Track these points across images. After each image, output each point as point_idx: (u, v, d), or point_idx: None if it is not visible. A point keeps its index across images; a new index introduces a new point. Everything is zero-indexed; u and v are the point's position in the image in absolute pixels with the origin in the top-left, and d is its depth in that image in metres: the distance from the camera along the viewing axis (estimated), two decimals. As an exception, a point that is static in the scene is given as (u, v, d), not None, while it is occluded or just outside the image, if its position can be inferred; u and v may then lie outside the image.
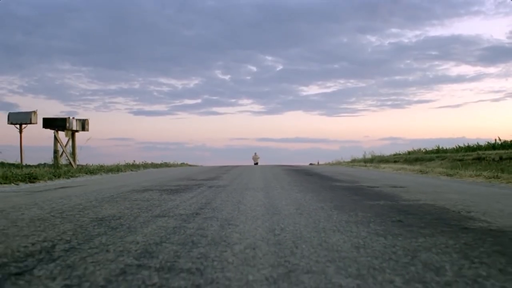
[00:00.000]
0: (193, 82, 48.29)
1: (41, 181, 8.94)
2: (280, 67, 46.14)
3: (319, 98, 46.27)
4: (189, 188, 6.40)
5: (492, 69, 47.60)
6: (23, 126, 12.20)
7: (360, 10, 41.46)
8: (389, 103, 45.98)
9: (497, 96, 47.61)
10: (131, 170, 15.77)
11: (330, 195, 5.37)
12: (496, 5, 38.30)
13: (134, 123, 47.04)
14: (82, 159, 17.08)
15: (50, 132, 14.99)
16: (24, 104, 44.82)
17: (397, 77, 44.82)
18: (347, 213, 3.64)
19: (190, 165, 25.60)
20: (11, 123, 12.07)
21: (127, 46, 44.17)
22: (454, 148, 27.59)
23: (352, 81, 47.60)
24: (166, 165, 22.76)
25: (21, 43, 40.51)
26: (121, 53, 44.74)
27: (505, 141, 24.46)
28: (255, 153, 35.05)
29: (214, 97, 49.22)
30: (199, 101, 48.63)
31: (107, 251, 2.22)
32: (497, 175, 9.74)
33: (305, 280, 1.70)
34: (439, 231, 2.80)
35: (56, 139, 12.69)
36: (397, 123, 47.39)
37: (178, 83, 49.95)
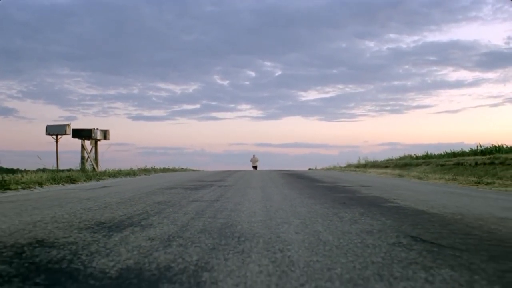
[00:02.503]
0: (192, 87, 49.63)
1: (78, 183, 10.94)
2: (279, 72, 47.55)
3: (318, 103, 47.58)
4: (204, 187, 8.40)
5: (490, 75, 48.71)
6: (59, 136, 14.33)
7: (359, 16, 42.99)
8: (388, 108, 47.28)
9: (495, 101, 48.83)
10: (145, 174, 17.78)
11: (310, 191, 7.38)
12: (494, 11, 39.78)
13: (133, 128, 48.37)
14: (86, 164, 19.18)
15: (71, 140, 17.13)
16: (23, 109, 46.11)
17: (396, 82, 46.10)
18: (315, 200, 5.65)
19: (193, 170, 27.60)
20: (49, 134, 14.21)
21: (126, 51, 45.49)
22: (440, 154, 29.57)
23: (350, 86, 48.91)
24: (172, 170, 24.78)
25: (20, 48, 41.78)
26: (120, 58, 46.00)
27: (486, 148, 26.54)
28: (254, 155, 32.41)
29: (213, 102, 50.57)
30: (198, 106, 49.74)
31: (177, 213, 4.22)
32: (454, 178, 11.78)
33: (278, 220, 3.70)
34: (362, 207, 4.81)
35: (83, 147, 14.77)
36: (396, 128, 48.57)
37: (177, 88, 51.32)
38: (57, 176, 10.56)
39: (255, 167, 30.98)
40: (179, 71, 48.28)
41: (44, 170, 12.77)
